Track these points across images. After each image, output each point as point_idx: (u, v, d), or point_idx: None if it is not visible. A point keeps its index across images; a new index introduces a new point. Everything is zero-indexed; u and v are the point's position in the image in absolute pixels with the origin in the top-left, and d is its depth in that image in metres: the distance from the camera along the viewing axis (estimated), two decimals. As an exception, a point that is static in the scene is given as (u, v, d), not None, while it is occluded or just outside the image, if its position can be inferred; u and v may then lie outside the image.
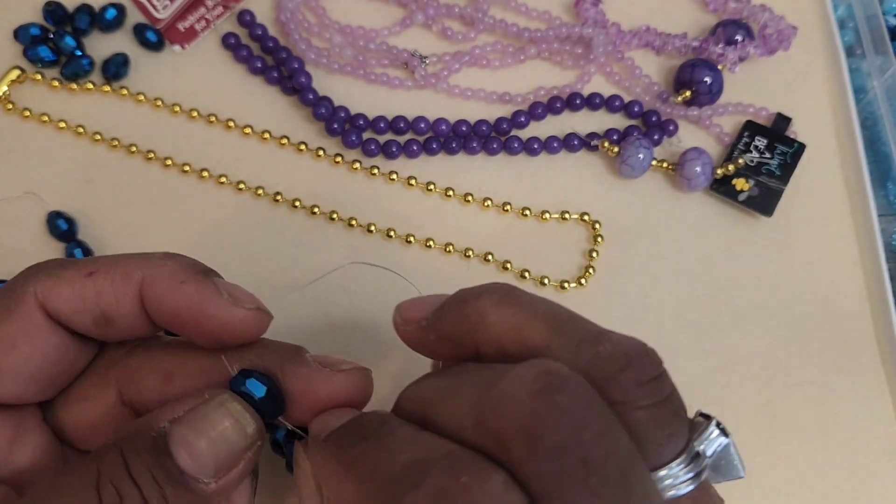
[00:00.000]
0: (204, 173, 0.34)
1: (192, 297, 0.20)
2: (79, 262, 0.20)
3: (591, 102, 0.36)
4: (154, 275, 0.20)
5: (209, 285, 0.21)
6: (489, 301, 0.19)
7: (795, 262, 0.34)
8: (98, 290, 0.20)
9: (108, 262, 0.20)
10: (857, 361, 0.33)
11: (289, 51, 0.36)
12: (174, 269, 0.20)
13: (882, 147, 0.37)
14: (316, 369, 0.21)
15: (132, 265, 0.20)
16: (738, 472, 0.19)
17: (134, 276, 0.20)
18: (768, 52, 0.37)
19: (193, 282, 0.20)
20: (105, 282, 0.20)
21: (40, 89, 0.35)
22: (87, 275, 0.20)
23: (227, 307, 0.20)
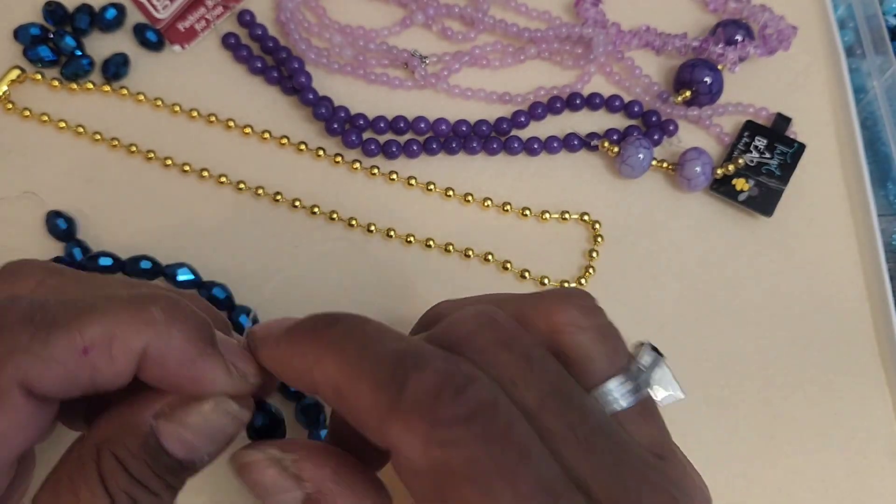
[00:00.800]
0: (204, 173, 0.34)
1: (201, 380, 0.19)
2: (66, 329, 0.17)
3: (591, 102, 0.36)
4: (160, 350, 0.18)
5: (219, 363, 0.19)
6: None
7: (795, 263, 0.34)
8: (94, 369, 0.18)
9: (103, 328, 0.17)
10: (856, 361, 0.33)
11: (289, 51, 0.36)
12: (182, 343, 0.18)
13: (882, 147, 0.37)
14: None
15: (133, 333, 0.18)
16: (676, 391, 0.21)
17: (136, 348, 0.18)
18: (768, 52, 0.37)
19: (202, 360, 0.19)
20: (103, 359, 0.17)
21: (40, 89, 0.35)
22: (81, 353, 0.17)
23: (231, 385, 0.20)
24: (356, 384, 0.17)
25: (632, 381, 0.19)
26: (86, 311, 0.17)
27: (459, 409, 0.16)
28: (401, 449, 0.17)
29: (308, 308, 0.32)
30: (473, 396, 0.17)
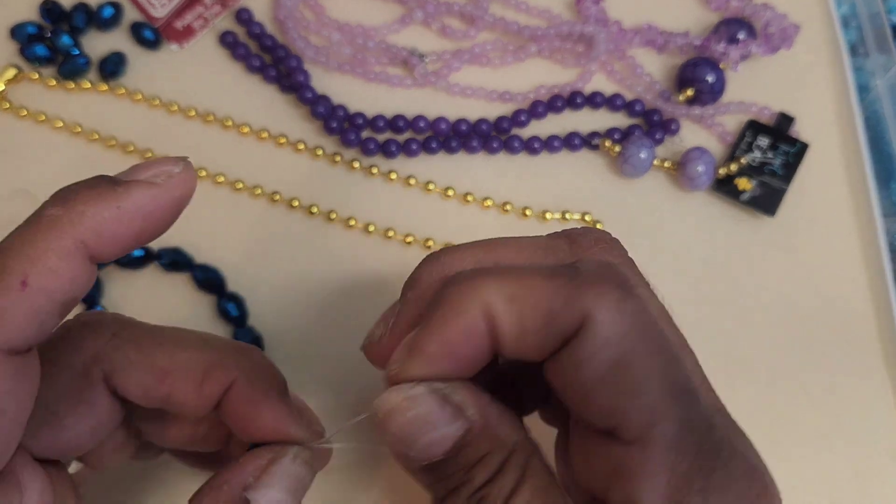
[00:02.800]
0: (201, 172, 0.33)
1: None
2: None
3: (593, 101, 0.36)
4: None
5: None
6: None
7: (798, 263, 0.34)
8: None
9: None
10: (860, 362, 0.33)
11: (287, 49, 0.35)
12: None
13: (885, 146, 0.37)
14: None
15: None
16: None
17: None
18: (771, 50, 0.36)
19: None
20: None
21: (37, 88, 0.35)
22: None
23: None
24: (527, 284, 0.18)
25: None
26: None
27: (638, 278, 0.20)
28: (596, 315, 0.17)
29: (306, 308, 0.32)
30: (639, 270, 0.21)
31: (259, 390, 0.20)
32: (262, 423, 0.20)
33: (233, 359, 0.21)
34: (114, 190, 0.18)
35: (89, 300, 0.31)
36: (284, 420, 0.21)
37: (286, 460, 0.20)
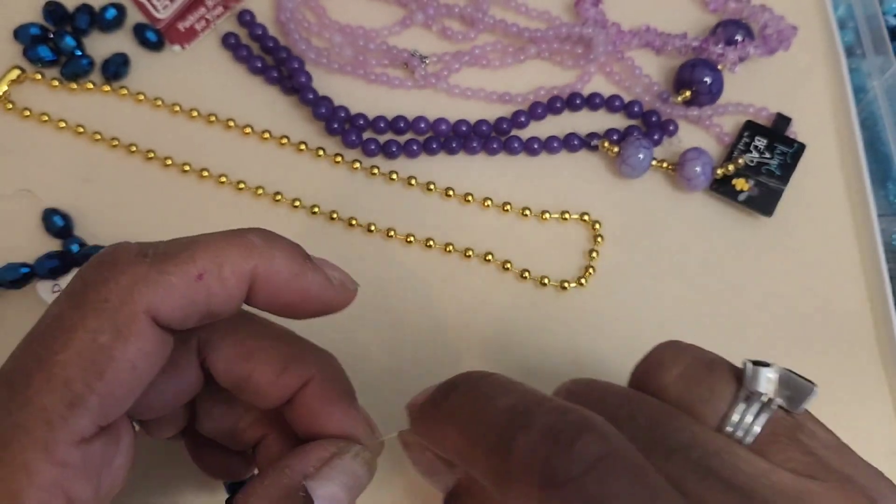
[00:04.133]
0: (204, 173, 0.34)
1: (309, 291, 0.20)
2: (178, 259, 0.18)
3: (592, 102, 0.36)
4: (267, 269, 0.19)
5: (320, 274, 0.21)
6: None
7: (795, 263, 0.34)
8: (209, 293, 0.19)
9: (212, 256, 0.19)
10: (856, 362, 0.33)
11: (289, 50, 0.36)
12: (284, 261, 0.20)
13: (882, 147, 0.37)
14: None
15: (239, 258, 0.19)
16: (808, 389, 0.19)
17: (244, 270, 0.19)
18: (768, 52, 0.37)
19: (305, 273, 0.20)
20: (216, 283, 0.19)
21: (40, 89, 0.35)
22: (196, 278, 0.18)
23: (337, 293, 0.21)
24: (472, 452, 0.17)
25: (753, 406, 0.18)
26: (192, 244, 0.19)
27: (572, 467, 0.15)
28: None
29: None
30: (586, 452, 0.15)
31: (333, 391, 0.21)
32: (331, 422, 0.21)
33: (313, 355, 0.21)
34: (303, 260, 0.20)
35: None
36: (354, 423, 0.21)
37: (348, 457, 0.20)
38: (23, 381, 0.17)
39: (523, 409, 0.17)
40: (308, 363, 0.21)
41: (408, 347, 0.32)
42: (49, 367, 0.16)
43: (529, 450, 0.16)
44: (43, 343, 0.17)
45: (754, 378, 0.19)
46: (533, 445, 0.16)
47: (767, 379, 0.19)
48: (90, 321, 0.17)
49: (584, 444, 0.15)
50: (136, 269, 0.18)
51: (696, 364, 0.19)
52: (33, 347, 0.17)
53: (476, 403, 0.18)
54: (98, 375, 0.17)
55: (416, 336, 0.32)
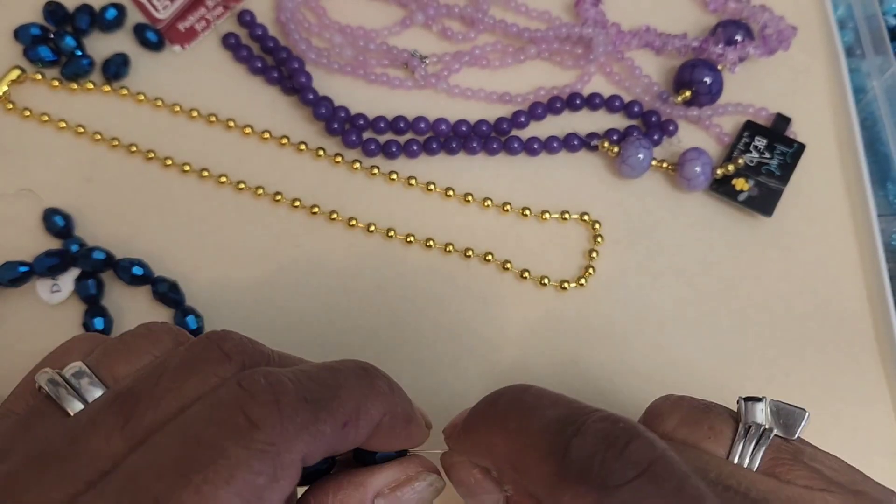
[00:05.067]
0: (204, 173, 0.34)
1: (412, 437, 0.21)
2: (331, 408, 0.18)
3: (591, 102, 0.36)
4: (391, 419, 0.20)
5: (421, 420, 0.22)
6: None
7: (795, 263, 0.34)
8: (345, 439, 0.19)
9: (354, 405, 0.19)
10: (856, 361, 0.33)
11: (289, 51, 0.36)
12: (403, 409, 0.21)
13: (881, 147, 0.37)
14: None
15: (374, 408, 0.19)
16: (799, 416, 0.21)
17: (376, 417, 0.20)
18: (768, 52, 0.37)
19: (414, 419, 0.21)
20: (353, 431, 0.19)
21: (40, 89, 0.35)
22: (342, 426, 0.19)
23: (424, 437, 0.22)
24: (524, 458, 0.18)
25: (752, 438, 0.20)
26: (339, 389, 0.19)
27: (626, 470, 0.16)
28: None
29: (309, 308, 0.32)
30: (638, 455, 0.17)
31: (401, 420, 0.21)
32: (400, 444, 0.21)
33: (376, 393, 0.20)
34: (413, 407, 0.21)
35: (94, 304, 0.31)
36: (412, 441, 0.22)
37: (424, 484, 0.21)
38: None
39: (574, 417, 0.18)
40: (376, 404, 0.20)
41: (408, 347, 0.32)
42: (205, 501, 0.16)
43: (584, 454, 0.17)
44: (202, 473, 0.16)
45: (749, 412, 0.20)
46: (588, 450, 0.17)
47: (761, 411, 0.20)
48: (255, 463, 0.17)
49: (636, 449, 0.17)
50: (301, 416, 0.18)
51: (693, 409, 0.21)
52: (188, 472, 0.16)
53: (525, 413, 0.19)
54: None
55: (415, 336, 0.32)
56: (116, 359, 0.20)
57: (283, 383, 0.18)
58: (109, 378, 0.19)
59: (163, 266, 0.32)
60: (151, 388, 0.18)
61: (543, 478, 0.17)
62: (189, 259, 0.32)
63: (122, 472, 0.17)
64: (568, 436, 0.17)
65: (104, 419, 0.18)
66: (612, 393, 0.32)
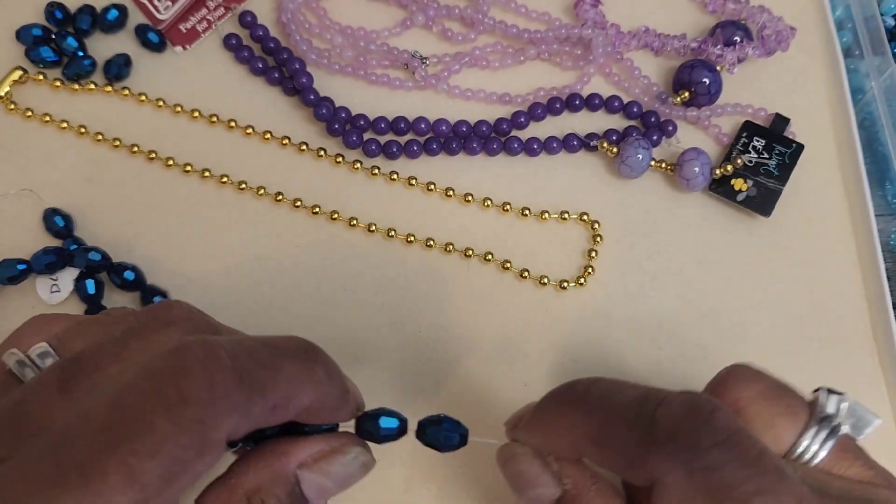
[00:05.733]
0: (206, 173, 0.34)
1: (338, 418, 0.21)
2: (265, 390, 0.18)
3: (591, 103, 0.36)
4: (320, 405, 0.20)
5: (350, 411, 0.22)
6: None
7: (793, 262, 0.34)
8: (272, 420, 0.19)
9: (286, 390, 0.19)
10: (854, 361, 0.33)
11: (290, 52, 0.36)
12: (335, 398, 0.21)
13: (880, 147, 0.37)
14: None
15: (305, 395, 0.20)
16: (872, 419, 0.21)
17: (306, 405, 0.20)
18: (767, 52, 0.37)
19: (344, 406, 0.21)
20: (281, 414, 0.19)
21: (42, 90, 0.35)
22: (271, 409, 0.19)
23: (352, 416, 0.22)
24: (607, 427, 0.19)
25: (823, 430, 0.20)
26: (276, 373, 0.19)
27: (713, 435, 0.17)
28: (664, 478, 0.18)
29: (310, 308, 0.32)
30: (722, 423, 0.18)
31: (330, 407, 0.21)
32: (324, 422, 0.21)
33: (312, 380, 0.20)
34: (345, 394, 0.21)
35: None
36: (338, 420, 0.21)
37: (348, 458, 0.21)
38: (99, 477, 0.16)
39: (654, 393, 0.19)
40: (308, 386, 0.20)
41: (407, 347, 0.32)
42: (130, 471, 0.16)
43: (671, 421, 0.18)
44: (129, 444, 0.17)
45: (829, 403, 0.21)
46: (674, 417, 0.18)
47: (839, 405, 0.21)
48: (182, 439, 0.17)
49: (720, 417, 0.18)
50: (233, 397, 0.18)
51: (775, 384, 0.21)
52: (115, 442, 0.16)
53: (605, 392, 0.20)
54: (170, 484, 0.17)
55: (415, 336, 0.32)
56: (78, 338, 0.20)
57: (220, 358, 0.18)
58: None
59: (163, 266, 0.32)
60: (93, 354, 0.19)
61: (630, 445, 0.18)
62: (190, 259, 0.33)
63: (51, 434, 0.17)
64: (652, 407, 0.18)
65: (46, 382, 0.18)
66: (612, 392, 0.32)
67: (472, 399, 0.31)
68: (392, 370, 0.31)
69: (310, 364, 0.20)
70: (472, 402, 0.31)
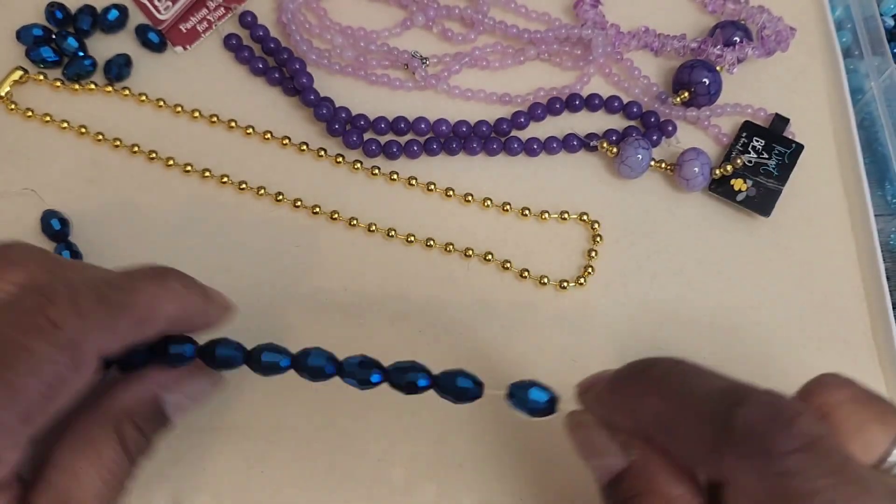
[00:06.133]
0: (206, 173, 0.34)
1: (209, 322, 0.25)
2: (126, 305, 0.21)
3: (591, 103, 0.36)
4: (184, 312, 0.23)
5: (218, 306, 0.25)
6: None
7: (793, 262, 0.35)
8: (142, 333, 0.22)
9: (149, 303, 0.22)
10: (854, 361, 0.33)
11: (290, 52, 0.36)
12: (196, 303, 0.24)
13: (879, 147, 0.37)
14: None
15: (168, 305, 0.22)
16: None
17: (170, 314, 0.22)
18: (766, 53, 0.37)
19: (207, 308, 0.24)
20: (149, 326, 0.22)
21: (43, 90, 0.35)
22: (138, 322, 0.21)
23: (224, 316, 0.25)
24: (681, 416, 0.19)
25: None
26: (135, 291, 0.22)
27: (793, 440, 0.17)
28: (736, 478, 0.17)
29: (310, 308, 0.32)
30: (805, 428, 0.17)
31: (196, 312, 0.24)
32: (201, 327, 0.24)
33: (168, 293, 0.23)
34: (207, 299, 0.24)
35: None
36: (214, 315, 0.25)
37: (203, 379, 0.25)
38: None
39: (736, 389, 0.18)
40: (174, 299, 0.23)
41: (407, 347, 0.32)
42: (11, 388, 0.19)
43: (750, 422, 0.17)
44: (11, 369, 0.19)
45: None
46: (754, 418, 0.17)
47: None
48: (58, 357, 0.19)
49: (802, 423, 0.17)
50: (97, 315, 0.20)
51: (864, 390, 0.20)
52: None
53: (684, 379, 0.20)
54: (50, 400, 0.20)
55: (415, 335, 0.32)
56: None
57: (80, 289, 0.21)
58: None
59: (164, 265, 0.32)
60: None
61: (702, 440, 0.18)
62: (189, 258, 0.33)
63: None
64: (731, 404, 0.18)
65: None
66: (612, 392, 0.32)
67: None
68: (392, 370, 0.31)
69: (163, 280, 0.23)
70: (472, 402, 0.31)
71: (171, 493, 0.29)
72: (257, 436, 0.30)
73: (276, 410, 0.30)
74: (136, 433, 0.22)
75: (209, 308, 0.24)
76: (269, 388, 0.31)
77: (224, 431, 0.30)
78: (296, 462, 0.30)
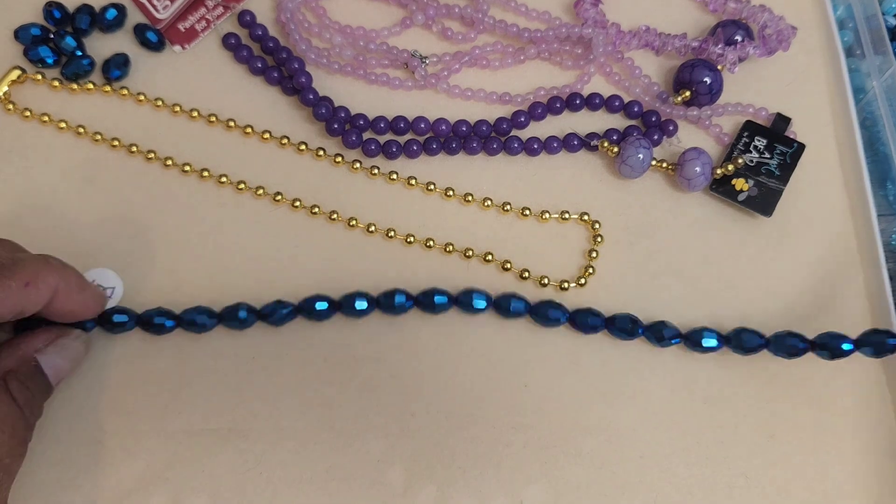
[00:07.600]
0: (204, 173, 0.34)
1: (87, 302, 0.28)
2: (14, 270, 0.25)
3: (591, 103, 0.36)
4: (66, 285, 0.26)
5: (97, 295, 0.29)
6: None
7: (795, 262, 0.34)
8: (28, 299, 0.25)
9: (33, 271, 0.25)
10: (856, 361, 0.33)
11: (289, 51, 0.36)
12: (75, 279, 0.27)
13: (881, 147, 0.37)
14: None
15: (49, 275, 0.26)
16: None
17: (52, 284, 0.26)
18: (768, 52, 0.37)
19: (87, 287, 0.28)
20: (34, 292, 0.25)
21: (41, 89, 0.35)
22: (24, 285, 0.25)
23: (100, 304, 0.29)
24: None
25: None
26: (21, 262, 0.25)
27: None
28: None
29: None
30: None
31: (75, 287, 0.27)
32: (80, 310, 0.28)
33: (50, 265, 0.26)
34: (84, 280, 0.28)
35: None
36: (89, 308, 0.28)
37: (70, 338, 0.28)
38: None
39: None
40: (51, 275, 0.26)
41: (407, 347, 0.32)
42: None
43: None
44: None
45: None
46: None
47: None
48: None
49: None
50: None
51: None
52: None
53: None
54: None
55: (415, 336, 0.32)
56: None
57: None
58: None
59: (162, 265, 0.32)
60: None
61: None
62: (188, 258, 0.32)
63: None
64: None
65: None
66: (613, 393, 0.32)
67: (472, 399, 0.31)
68: (391, 370, 0.31)
69: (44, 256, 0.26)
70: (472, 402, 0.31)
71: (170, 494, 0.29)
72: (257, 437, 0.30)
73: (276, 411, 0.30)
74: (22, 387, 0.25)
75: (87, 287, 0.28)
76: (269, 388, 0.31)
77: (223, 432, 0.30)
78: (295, 463, 0.30)
